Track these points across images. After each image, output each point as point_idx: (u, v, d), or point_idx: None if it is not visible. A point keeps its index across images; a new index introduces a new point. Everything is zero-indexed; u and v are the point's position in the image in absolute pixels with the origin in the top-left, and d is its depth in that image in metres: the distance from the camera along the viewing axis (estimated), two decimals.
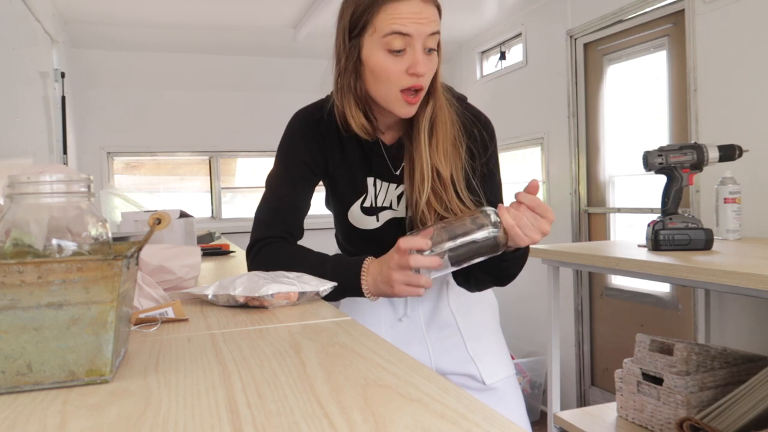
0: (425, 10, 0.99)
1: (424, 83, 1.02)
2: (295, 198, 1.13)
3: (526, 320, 3.56)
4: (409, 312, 1.23)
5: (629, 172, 2.93)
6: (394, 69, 1.00)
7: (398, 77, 1.00)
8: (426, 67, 1.00)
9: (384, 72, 1.00)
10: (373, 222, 1.16)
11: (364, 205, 1.15)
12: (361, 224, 1.17)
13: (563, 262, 1.93)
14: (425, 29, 0.98)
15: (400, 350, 0.66)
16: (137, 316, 0.82)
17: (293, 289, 0.93)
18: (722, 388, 1.73)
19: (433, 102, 1.07)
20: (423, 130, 1.06)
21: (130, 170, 4.16)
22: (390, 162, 1.13)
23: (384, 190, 1.15)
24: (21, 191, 0.60)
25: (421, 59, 0.99)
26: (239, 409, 0.49)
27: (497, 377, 1.21)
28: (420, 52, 0.99)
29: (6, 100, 2.18)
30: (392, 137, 1.14)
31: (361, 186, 1.15)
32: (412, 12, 0.97)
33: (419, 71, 0.99)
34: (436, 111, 1.07)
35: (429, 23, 0.98)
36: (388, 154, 1.13)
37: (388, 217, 1.15)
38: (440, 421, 0.45)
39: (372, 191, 1.15)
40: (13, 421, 0.47)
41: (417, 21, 0.97)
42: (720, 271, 1.35)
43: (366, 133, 1.08)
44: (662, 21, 2.63)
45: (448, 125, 1.08)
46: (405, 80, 1.00)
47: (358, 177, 1.14)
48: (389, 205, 1.15)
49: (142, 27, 3.58)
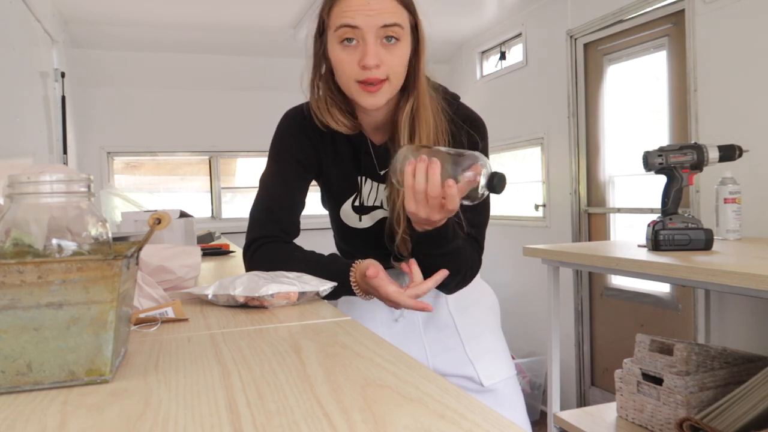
0: (375, 2, 0.97)
1: (382, 75, 0.99)
2: (288, 196, 1.13)
3: (526, 320, 3.56)
4: (406, 313, 1.23)
5: (629, 172, 2.93)
6: (347, 61, 1.00)
7: (351, 69, 1.00)
8: (378, 58, 0.98)
9: (339, 65, 1.01)
10: (365, 221, 1.16)
11: (355, 203, 1.15)
12: (353, 223, 1.17)
13: (563, 262, 1.93)
14: (375, 20, 0.97)
15: (399, 350, 0.66)
16: (137, 316, 0.82)
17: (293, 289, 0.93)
18: (722, 388, 1.73)
19: (413, 99, 1.05)
20: (403, 128, 1.05)
21: (130, 170, 4.16)
22: (377, 161, 1.13)
23: (374, 189, 1.14)
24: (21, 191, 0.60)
25: (372, 51, 0.97)
26: (239, 409, 0.48)
27: (496, 378, 1.20)
28: (371, 44, 0.97)
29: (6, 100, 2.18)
30: (381, 138, 1.13)
31: (353, 185, 1.15)
32: (360, 4, 0.97)
33: (368, 63, 0.97)
34: (417, 109, 1.05)
35: (379, 14, 0.97)
36: (376, 153, 1.12)
37: (379, 216, 1.15)
38: (440, 421, 0.45)
39: (363, 190, 1.15)
40: (13, 421, 0.47)
41: (365, 13, 0.97)
42: (720, 271, 1.35)
43: (345, 127, 1.08)
44: (662, 21, 2.63)
45: (432, 125, 1.05)
46: (357, 72, 0.99)
47: (350, 175, 1.14)
48: (380, 204, 1.15)
49: (142, 27, 3.58)
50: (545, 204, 3.46)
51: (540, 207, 3.52)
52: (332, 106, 1.07)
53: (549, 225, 3.42)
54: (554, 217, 3.37)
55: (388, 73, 1.00)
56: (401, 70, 1.02)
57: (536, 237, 3.47)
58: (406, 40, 1.01)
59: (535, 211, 3.55)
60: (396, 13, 0.99)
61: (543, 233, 3.45)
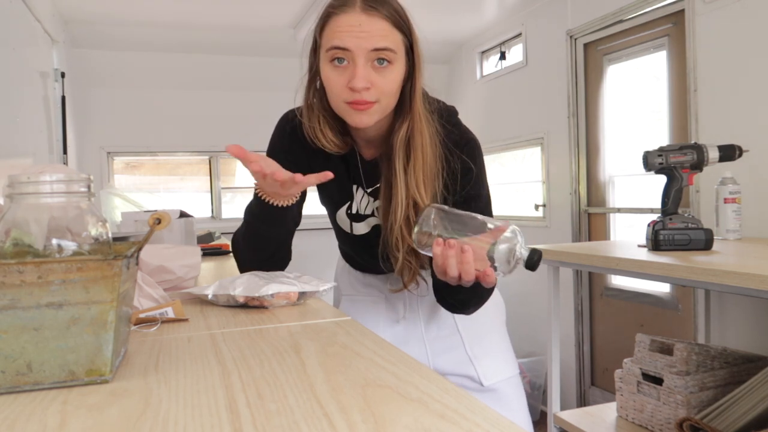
0: (366, 24, 0.95)
1: (371, 98, 0.97)
2: None
3: (526, 320, 3.56)
4: (408, 314, 1.23)
5: (629, 172, 2.93)
6: (336, 82, 0.98)
7: (340, 90, 0.98)
8: (367, 81, 0.95)
9: (329, 84, 1.00)
10: (361, 227, 1.16)
11: (350, 211, 1.15)
12: (348, 229, 1.17)
13: (563, 262, 1.93)
14: (365, 43, 0.94)
15: (399, 350, 0.66)
16: (137, 316, 0.82)
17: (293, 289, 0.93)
18: (722, 388, 1.73)
19: (408, 123, 1.02)
20: (398, 152, 1.02)
21: (130, 170, 4.16)
22: (364, 177, 1.12)
23: (366, 199, 1.14)
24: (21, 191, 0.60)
25: (360, 74, 0.95)
26: (239, 409, 0.49)
27: (497, 378, 1.20)
28: (360, 67, 0.95)
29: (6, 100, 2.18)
30: (372, 153, 1.12)
31: (347, 192, 1.14)
32: (351, 25, 0.95)
33: (356, 86, 0.95)
34: (413, 133, 1.02)
35: (371, 37, 0.95)
36: (364, 168, 1.11)
37: (374, 222, 1.14)
38: (440, 421, 0.45)
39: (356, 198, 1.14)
40: (13, 421, 0.47)
41: (356, 35, 0.95)
42: (720, 271, 1.35)
43: (336, 147, 1.07)
44: (662, 21, 2.62)
45: (428, 150, 1.03)
46: (346, 94, 0.97)
47: (344, 183, 1.14)
48: (372, 212, 1.14)
49: (142, 27, 3.58)
50: (545, 204, 3.46)
51: (540, 207, 3.52)
52: (324, 125, 1.06)
53: (549, 225, 3.42)
54: (554, 217, 3.37)
55: (378, 96, 0.97)
56: (393, 93, 1.00)
57: (536, 237, 3.47)
58: (400, 62, 0.99)
59: (535, 211, 3.55)
60: (388, 36, 0.96)
61: (543, 233, 3.45)
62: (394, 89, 1.00)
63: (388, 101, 1.00)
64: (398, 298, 1.24)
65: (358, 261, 1.27)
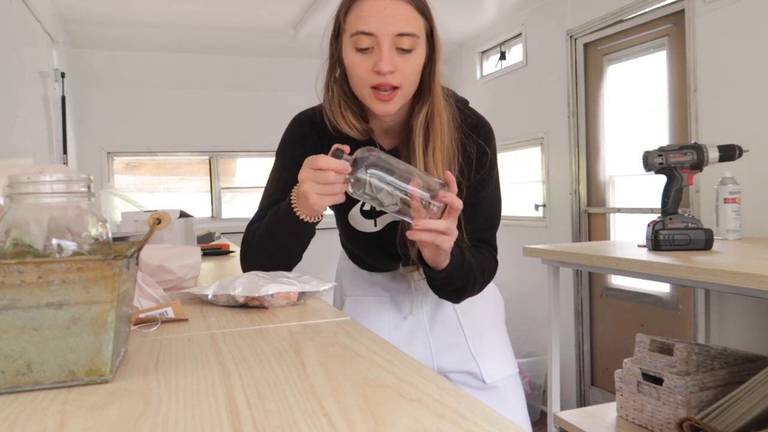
0: (391, 7, 0.97)
1: (395, 81, 0.99)
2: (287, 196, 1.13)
3: (526, 320, 3.56)
4: (414, 311, 1.24)
5: (629, 172, 2.93)
6: (361, 67, 0.99)
7: (366, 75, 0.99)
8: (392, 65, 0.97)
9: (353, 70, 1.00)
10: (372, 225, 1.16)
11: (364, 208, 1.15)
12: (361, 227, 1.17)
13: (563, 262, 1.93)
14: (390, 27, 0.96)
15: (400, 350, 0.66)
16: (137, 316, 0.82)
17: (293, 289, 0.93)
18: (722, 388, 1.73)
19: (428, 106, 1.04)
20: (418, 136, 1.04)
21: (130, 170, 4.16)
22: None
23: None
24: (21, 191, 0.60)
25: (386, 57, 0.96)
26: (239, 409, 0.49)
27: (498, 376, 1.21)
28: (386, 51, 0.97)
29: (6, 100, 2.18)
30: (391, 142, 1.13)
31: None
32: (377, 10, 0.97)
33: (382, 69, 0.96)
34: (432, 116, 1.04)
35: (395, 21, 0.96)
36: None
37: (387, 220, 1.15)
38: (440, 421, 0.45)
39: None
40: (13, 421, 0.47)
41: (381, 19, 0.96)
42: (720, 271, 1.35)
43: (357, 131, 1.07)
44: (662, 21, 2.63)
45: (446, 132, 1.05)
46: (372, 78, 0.99)
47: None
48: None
49: (142, 27, 3.58)
50: (545, 204, 3.46)
51: (540, 207, 3.52)
52: (345, 110, 1.06)
53: (549, 225, 3.42)
54: (554, 217, 3.37)
55: (401, 81, 0.99)
56: (414, 79, 1.02)
57: (536, 237, 3.47)
58: (422, 47, 1.01)
59: (535, 211, 3.55)
60: (411, 21, 0.98)
61: (543, 233, 3.45)
62: (415, 75, 1.01)
63: (410, 87, 1.02)
64: (404, 297, 1.24)
65: (367, 260, 1.26)
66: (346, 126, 1.06)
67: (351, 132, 1.07)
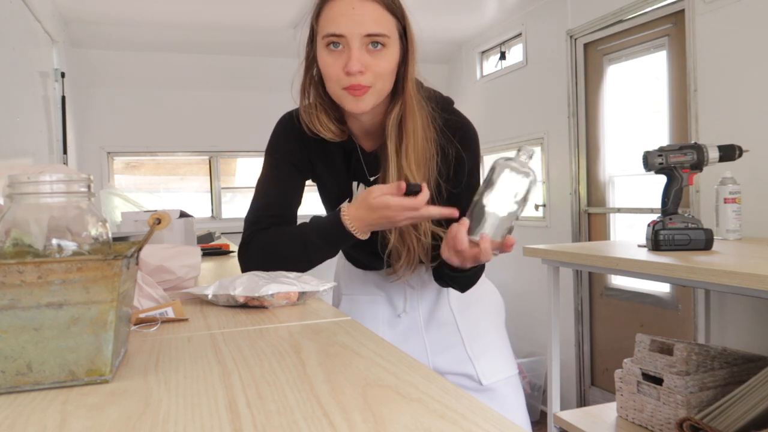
0: (360, 7, 0.97)
1: (366, 82, 0.99)
2: (283, 195, 1.13)
3: (526, 320, 3.56)
4: (408, 309, 1.23)
5: (629, 172, 2.93)
6: (333, 67, 0.99)
7: (338, 76, 0.99)
8: (361, 65, 0.97)
9: (326, 71, 1.01)
10: None
11: None
12: None
13: (563, 262, 1.93)
14: (359, 28, 0.97)
15: (400, 350, 0.66)
16: (137, 316, 0.82)
17: (293, 289, 0.93)
18: (722, 388, 1.73)
19: (400, 105, 1.04)
20: (390, 136, 1.04)
21: (130, 170, 4.16)
22: (366, 168, 1.12)
23: None
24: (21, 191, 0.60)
25: (355, 57, 0.97)
26: (239, 409, 0.48)
27: (496, 377, 1.21)
28: (355, 50, 0.97)
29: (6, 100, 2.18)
30: (372, 144, 1.12)
31: (347, 189, 1.15)
32: (345, 10, 0.97)
33: (352, 69, 0.97)
34: (405, 115, 1.04)
35: (364, 22, 0.97)
36: (366, 160, 1.12)
37: None
38: (440, 421, 0.45)
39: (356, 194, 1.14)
40: (13, 421, 0.47)
41: (349, 19, 0.97)
42: (720, 271, 1.35)
43: (332, 133, 1.07)
44: (662, 21, 2.63)
45: (420, 133, 1.04)
46: (343, 79, 0.99)
47: (344, 181, 1.14)
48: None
49: (142, 27, 3.58)
50: (545, 204, 3.46)
51: (540, 207, 3.52)
52: (321, 112, 1.07)
53: (549, 225, 3.41)
54: (554, 217, 3.37)
55: (373, 80, 0.99)
56: (387, 76, 1.01)
57: (536, 237, 3.47)
58: (394, 46, 1.01)
59: (535, 211, 3.55)
60: (381, 21, 0.98)
61: (543, 233, 3.45)
62: (388, 72, 1.01)
63: (383, 85, 1.02)
64: (398, 296, 1.24)
65: (358, 258, 1.27)
66: (322, 129, 1.07)
67: (327, 134, 1.07)
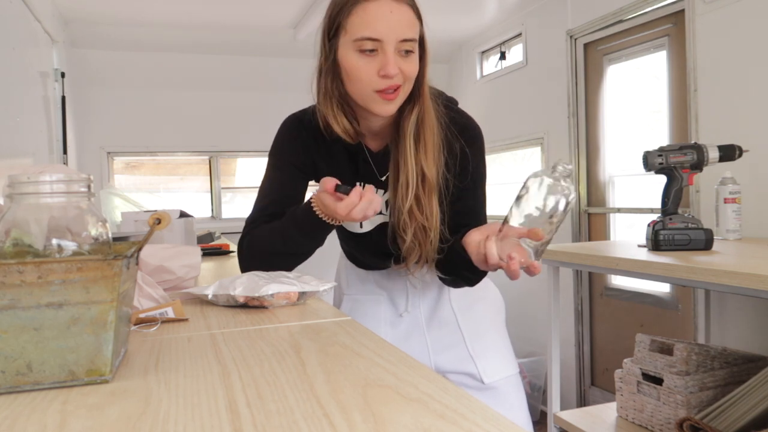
0: (397, 12, 0.97)
1: (401, 82, 1.00)
2: (283, 196, 1.13)
3: (526, 320, 3.55)
4: (410, 308, 1.23)
5: (629, 172, 2.93)
6: (365, 70, 0.99)
7: (370, 79, 0.99)
8: (396, 69, 0.98)
9: (356, 73, 1.00)
10: (365, 226, 1.16)
11: None
12: (352, 228, 1.17)
13: (563, 262, 1.93)
14: (396, 33, 0.97)
15: (400, 350, 0.66)
16: (137, 316, 0.82)
17: (293, 289, 0.93)
18: (722, 388, 1.73)
19: (419, 106, 1.05)
20: (409, 135, 1.05)
21: (130, 170, 4.16)
22: (376, 168, 1.12)
23: None
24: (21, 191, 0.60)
25: (392, 60, 0.97)
26: (239, 409, 0.48)
27: (497, 376, 1.21)
28: (391, 54, 0.97)
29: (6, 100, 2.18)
30: (378, 144, 1.13)
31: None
32: (383, 14, 0.96)
33: (390, 72, 0.97)
34: (423, 115, 1.05)
35: (401, 27, 0.97)
36: (374, 160, 1.12)
37: (378, 221, 1.15)
38: (440, 421, 0.45)
39: None
40: (13, 421, 0.47)
41: (387, 24, 0.96)
42: (720, 271, 1.35)
43: (348, 135, 1.07)
44: (662, 21, 2.62)
45: (435, 130, 1.07)
46: (377, 82, 0.99)
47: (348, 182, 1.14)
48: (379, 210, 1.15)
49: (142, 27, 3.58)
50: None
51: None
52: (338, 112, 1.06)
53: None
54: None
55: (403, 82, 1.01)
56: (413, 80, 1.03)
57: None
58: (417, 49, 1.02)
59: None
60: (413, 26, 1.00)
61: None
62: (414, 75, 1.03)
63: (409, 87, 1.03)
64: (400, 295, 1.24)
65: (361, 259, 1.27)
66: (338, 127, 1.06)
67: (342, 133, 1.07)
